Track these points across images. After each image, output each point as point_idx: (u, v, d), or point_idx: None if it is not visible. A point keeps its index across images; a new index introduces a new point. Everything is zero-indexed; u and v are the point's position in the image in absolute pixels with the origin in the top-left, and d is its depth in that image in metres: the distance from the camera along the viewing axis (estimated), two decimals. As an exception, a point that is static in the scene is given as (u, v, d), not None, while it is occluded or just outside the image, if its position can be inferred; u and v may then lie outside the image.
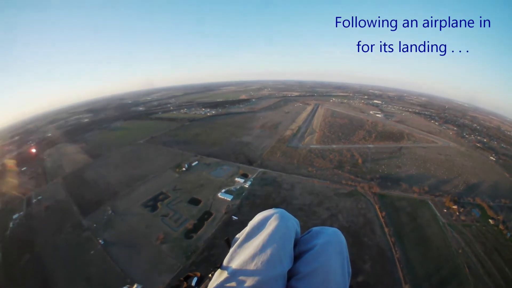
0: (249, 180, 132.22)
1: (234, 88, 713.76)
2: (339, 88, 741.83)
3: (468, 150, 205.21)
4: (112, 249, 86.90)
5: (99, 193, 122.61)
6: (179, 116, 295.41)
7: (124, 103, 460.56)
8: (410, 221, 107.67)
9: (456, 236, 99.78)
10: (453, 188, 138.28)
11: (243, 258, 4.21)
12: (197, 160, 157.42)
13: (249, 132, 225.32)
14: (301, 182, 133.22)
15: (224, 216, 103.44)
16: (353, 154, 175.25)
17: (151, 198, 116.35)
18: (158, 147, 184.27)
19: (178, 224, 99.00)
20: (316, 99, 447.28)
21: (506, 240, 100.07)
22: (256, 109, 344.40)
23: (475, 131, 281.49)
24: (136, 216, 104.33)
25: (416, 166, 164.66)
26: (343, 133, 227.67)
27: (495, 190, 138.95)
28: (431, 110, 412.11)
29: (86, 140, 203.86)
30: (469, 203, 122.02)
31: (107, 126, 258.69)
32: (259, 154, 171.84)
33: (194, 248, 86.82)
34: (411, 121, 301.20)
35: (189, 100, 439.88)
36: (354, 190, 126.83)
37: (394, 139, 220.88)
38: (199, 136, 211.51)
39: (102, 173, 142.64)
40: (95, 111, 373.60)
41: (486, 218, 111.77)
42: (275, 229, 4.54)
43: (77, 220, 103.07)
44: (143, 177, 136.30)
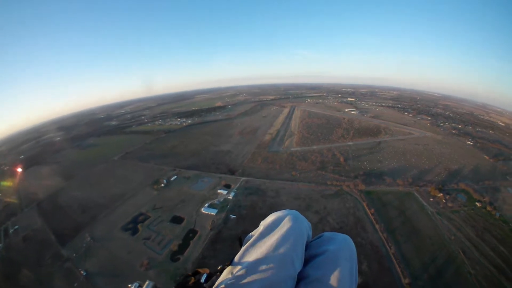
0: (232, 191, 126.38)
1: (208, 96, 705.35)
2: (313, 89, 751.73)
3: (445, 138, 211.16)
4: (96, 280, 79.66)
5: (75, 218, 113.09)
6: (154, 128, 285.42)
7: (96, 118, 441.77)
8: (399, 215, 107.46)
9: (446, 223, 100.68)
10: (436, 176, 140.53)
11: (255, 257, 4.19)
12: (176, 174, 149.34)
13: (228, 140, 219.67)
14: (286, 187, 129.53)
15: (210, 233, 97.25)
16: (334, 154, 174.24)
17: (131, 220, 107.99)
18: (133, 163, 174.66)
19: (161, 246, 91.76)
20: (291, 101, 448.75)
21: (496, 220, 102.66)
22: (233, 115, 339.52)
23: (449, 119, 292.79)
24: (117, 242, 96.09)
25: (397, 159, 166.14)
26: (322, 133, 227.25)
27: (477, 173, 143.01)
28: (404, 102, 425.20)
29: (58, 161, 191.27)
30: (453, 189, 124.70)
31: (79, 144, 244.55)
32: (240, 162, 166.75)
33: (182, 271, 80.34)
34: (386, 115, 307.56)
35: (164, 111, 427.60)
36: (340, 189, 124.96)
37: (372, 134, 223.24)
38: (176, 148, 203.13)
39: (77, 196, 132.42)
40: (67, 129, 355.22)
41: (472, 201, 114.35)
42: (289, 230, 4.50)
43: (56, 250, 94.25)
44: (120, 197, 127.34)
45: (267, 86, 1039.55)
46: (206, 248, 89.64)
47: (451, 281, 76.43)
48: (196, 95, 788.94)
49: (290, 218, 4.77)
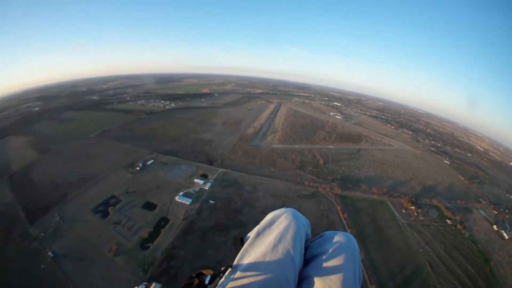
0: (209, 182, 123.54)
1: (196, 81, 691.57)
2: (301, 89, 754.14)
3: (423, 154, 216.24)
4: (63, 262, 75.14)
5: (46, 195, 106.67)
6: (136, 108, 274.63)
7: (78, 91, 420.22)
8: (371, 222, 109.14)
9: (416, 236, 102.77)
10: (410, 189, 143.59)
11: (254, 256, 4.23)
12: (153, 159, 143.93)
13: (210, 129, 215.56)
14: (264, 183, 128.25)
15: (182, 222, 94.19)
16: (314, 155, 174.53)
17: (102, 203, 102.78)
18: (110, 142, 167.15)
19: (132, 232, 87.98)
20: (279, 98, 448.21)
21: (465, 239, 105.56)
22: (218, 104, 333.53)
23: (429, 136, 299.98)
24: (86, 224, 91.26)
25: (374, 168, 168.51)
26: (305, 133, 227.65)
27: (451, 192, 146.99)
28: (388, 114, 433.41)
29: (35, 132, 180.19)
30: (426, 204, 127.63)
31: (57, 116, 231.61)
32: (220, 152, 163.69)
33: (151, 260, 77.50)
34: (369, 124, 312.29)
35: (148, 91, 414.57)
36: (316, 191, 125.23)
37: (353, 140, 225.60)
38: (156, 131, 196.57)
39: (50, 172, 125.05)
40: (47, 99, 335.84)
41: (443, 218, 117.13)
42: (286, 227, 4.56)
43: (24, 228, 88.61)
44: (93, 176, 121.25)
45: (256, 79, 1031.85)
46: (177, 238, 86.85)
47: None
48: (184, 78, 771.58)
49: (287, 216, 4.78)
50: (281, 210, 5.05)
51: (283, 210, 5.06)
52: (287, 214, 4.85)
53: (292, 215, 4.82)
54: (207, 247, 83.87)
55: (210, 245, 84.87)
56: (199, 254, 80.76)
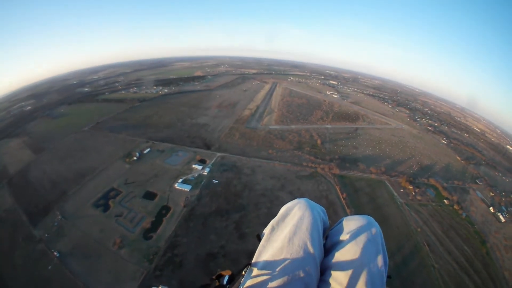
0: (207, 167, 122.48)
1: (188, 64, 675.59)
2: (297, 67, 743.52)
3: (420, 133, 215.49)
4: (69, 261, 74.64)
5: (45, 195, 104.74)
6: (128, 96, 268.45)
7: (68, 84, 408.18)
8: (370, 202, 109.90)
9: (414, 215, 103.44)
10: (408, 168, 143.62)
11: (271, 252, 4.19)
12: (149, 147, 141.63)
13: (206, 113, 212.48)
14: (262, 165, 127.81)
15: (183, 209, 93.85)
16: (312, 135, 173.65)
17: (102, 196, 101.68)
18: (104, 133, 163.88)
19: (134, 224, 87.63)
20: (274, 78, 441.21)
21: (462, 220, 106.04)
22: (212, 87, 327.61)
23: (426, 115, 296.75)
24: (88, 219, 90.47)
25: (372, 147, 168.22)
26: (301, 113, 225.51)
27: (448, 172, 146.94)
28: (384, 93, 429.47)
29: (28, 132, 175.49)
30: (423, 184, 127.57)
31: (49, 113, 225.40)
32: (216, 136, 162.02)
33: (155, 249, 77.53)
34: (366, 103, 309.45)
35: (140, 78, 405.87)
36: (315, 172, 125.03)
37: (350, 120, 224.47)
38: (151, 118, 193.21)
39: (47, 171, 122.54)
40: (38, 96, 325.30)
41: (440, 198, 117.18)
42: (300, 219, 4.46)
43: (28, 231, 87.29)
44: (91, 170, 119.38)
45: (250, 59, 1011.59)
46: (179, 226, 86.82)
47: (415, 271, 79.27)
48: (175, 62, 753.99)
49: (300, 207, 4.68)
50: (294, 202, 4.90)
51: (296, 201, 4.90)
52: (300, 205, 4.70)
53: (305, 205, 4.68)
54: (209, 232, 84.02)
55: (212, 230, 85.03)
56: (202, 240, 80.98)
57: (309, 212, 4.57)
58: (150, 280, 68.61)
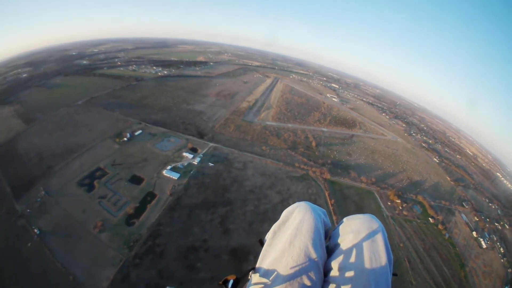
0: (198, 156, 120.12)
1: (191, 48, 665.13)
2: (300, 65, 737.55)
3: (414, 148, 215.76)
4: (49, 240, 72.99)
5: (32, 168, 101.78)
6: (126, 74, 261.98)
7: (67, 55, 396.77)
8: (357, 211, 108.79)
9: (398, 229, 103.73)
10: (398, 182, 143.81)
11: (273, 256, 4.22)
12: (141, 129, 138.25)
13: (203, 100, 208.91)
14: (254, 161, 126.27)
15: (169, 198, 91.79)
16: (307, 136, 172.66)
17: (87, 175, 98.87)
18: (98, 110, 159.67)
19: (117, 207, 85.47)
20: (276, 73, 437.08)
21: (445, 240, 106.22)
22: (213, 74, 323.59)
23: (422, 131, 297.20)
24: (72, 198, 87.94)
25: (365, 156, 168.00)
26: (299, 113, 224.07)
27: (436, 190, 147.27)
28: (384, 103, 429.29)
29: (21, 101, 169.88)
30: (411, 199, 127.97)
31: (45, 82, 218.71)
32: (211, 126, 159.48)
33: (136, 236, 75.95)
34: (364, 111, 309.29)
35: (140, 56, 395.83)
36: (306, 174, 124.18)
37: (347, 125, 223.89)
38: (146, 99, 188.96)
39: (36, 143, 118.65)
40: (35, 64, 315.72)
41: (426, 216, 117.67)
42: (301, 221, 4.46)
43: (11, 204, 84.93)
44: (79, 147, 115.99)
45: (254, 51, 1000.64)
46: (163, 214, 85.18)
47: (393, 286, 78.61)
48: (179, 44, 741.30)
49: (300, 210, 4.69)
50: (294, 206, 4.88)
51: (296, 205, 4.89)
52: (300, 208, 4.71)
53: (305, 208, 4.67)
54: (193, 225, 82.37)
55: (196, 223, 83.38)
56: (185, 232, 79.33)
57: (310, 214, 4.52)
58: (128, 268, 67.15)
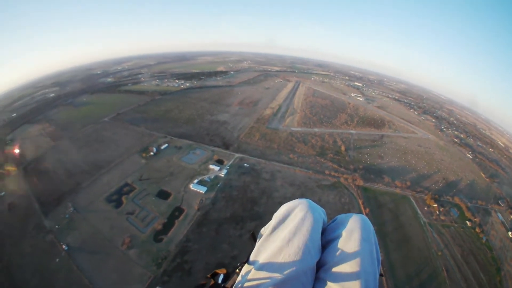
0: (225, 168, 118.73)
1: (211, 59, 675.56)
2: (320, 66, 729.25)
3: (447, 145, 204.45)
4: (77, 256, 73.90)
5: (60, 185, 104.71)
6: (150, 89, 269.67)
7: (92, 74, 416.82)
8: (393, 219, 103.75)
9: (436, 237, 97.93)
10: (433, 184, 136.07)
11: (270, 252, 4.14)
12: (167, 142, 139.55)
13: (226, 109, 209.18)
14: (282, 170, 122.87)
15: (196, 213, 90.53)
16: (335, 140, 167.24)
17: (115, 191, 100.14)
18: (124, 125, 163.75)
19: (145, 223, 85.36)
20: (297, 76, 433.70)
21: (482, 244, 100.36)
22: (234, 83, 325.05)
23: (452, 125, 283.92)
24: (99, 214, 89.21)
25: (398, 158, 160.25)
26: (325, 116, 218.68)
27: (472, 190, 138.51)
28: (410, 98, 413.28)
29: (49, 119, 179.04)
30: (448, 202, 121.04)
31: (72, 101, 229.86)
32: (236, 135, 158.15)
33: (165, 253, 74.91)
34: (392, 108, 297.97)
35: (162, 70, 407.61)
36: (337, 182, 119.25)
37: (375, 126, 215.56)
38: (170, 112, 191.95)
39: (63, 160, 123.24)
40: (62, 84, 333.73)
41: (464, 219, 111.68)
42: (301, 220, 4.41)
43: (39, 220, 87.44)
44: (106, 163, 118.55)
45: (273, 56, 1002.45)
46: (191, 230, 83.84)
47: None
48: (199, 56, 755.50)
49: (302, 208, 4.61)
50: (295, 202, 4.80)
51: (297, 201, 4.79)
52: (301, 206, 4.63)
53: (307, 206, 4.60)
54: (222, 241, 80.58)
55: (225, 239, 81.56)
56: (214, 248, 77.63)
57: (311, 213, 4.47)
58: (156, 285, 66.57)
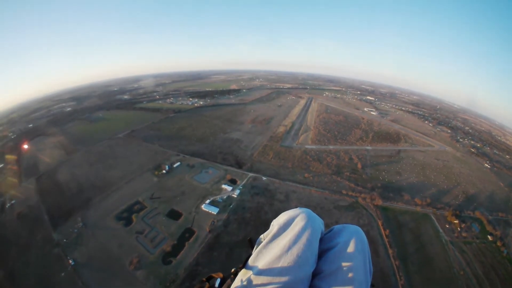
0: (237, 188, 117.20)
1: (224, 77, 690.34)
2: (331, 82, 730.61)
3: (464, 156, 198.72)
4: (83, 272, 73.87)
5: (71, 199, 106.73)
6: (164, 107, 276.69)
7: (109, 91, 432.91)
8: (414, 240, 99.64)
9: (458, 255, 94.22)
10: (453, 199, 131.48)
11: (268, 259, 4.16)
12: (180, 161, 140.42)
13: (239, 127, 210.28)
14: (297, 191, 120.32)
15: (208, 235, 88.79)
16: (351, 157, 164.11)
17: (126, 209, 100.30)
18: (138, 142, 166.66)
19: (154, 244, 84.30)
20: (309, 93, 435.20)
21: (503, 258, 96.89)
22: (247, 100, 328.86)
23: (468, 135, 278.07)
24: (108, 231, 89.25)
25: (416, 173, 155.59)
26: (339, 132, 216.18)
27: (492, 202, 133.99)
28: (423, 109, 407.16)
29: (65, 133, 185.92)
30: (469, 217, 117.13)
31: (88, 116, 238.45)
32: (249, 154, 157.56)
33: (173, 276, 73.31)
34: (406, 121, 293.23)
35: (177, 89, 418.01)
36: (355, 202, 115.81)
37: (391, 140, 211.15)
38: (184, 130, 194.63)
39: (76, 174, 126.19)
40: (79, 99, 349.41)
41: (485, 233, 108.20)
42: (302, 229, 4.42)
43: (48, 232, 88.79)
44: (118, 180, 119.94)
45: (285, 73, 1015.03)
46: (201, 253, 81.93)
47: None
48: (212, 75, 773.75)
49: (302, 217, 4.59)
50: (296, 211, 4.78)
51: (298, 210, 4.78)
52: (302, 215, 4.61)
53: (307, 216, 4.61)
54: (233, 266, 77.80)
55: (237, 264, 78.97)
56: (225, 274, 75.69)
57: (310, 223, 4.49)
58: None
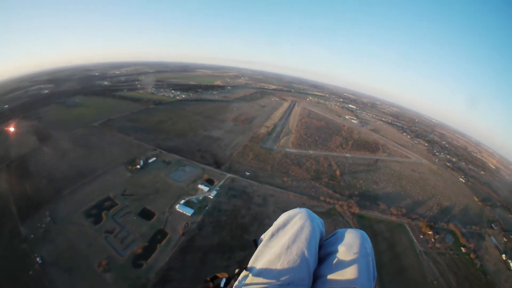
0: (214, 189, 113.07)
1: (210, 72, 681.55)
2: (316, 87, 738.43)
3: (440, 169, 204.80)
4: (51, 271, 68.69)
5: (40, 190, 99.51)
6: (145, 97, 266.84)
7: (90, 75, 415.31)
8: (389, 249, 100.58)
9: (432, 266, 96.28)
10: (428, 210, 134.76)
11: (268, 258, 4.20)
12: (156, 156, 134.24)
13: (220, 125, 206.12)
14: (275, 195, 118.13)
15: (181, 238, 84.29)
16: (330, 164, 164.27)
17: (96, 205, 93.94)
18: (113, 133, 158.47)
19: (124, 245, 79.05)
20: (293, 96, 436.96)
21: (477, 270, 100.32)
22: (230, 98, 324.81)
23: (445, 149, 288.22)
24: (77, 228, 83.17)
25: (393, 183, 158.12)
26: (320, 137, 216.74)
27: (466, 215, 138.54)
28: (402, 121, 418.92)
29: (40, 117, 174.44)
30: (443, 229, 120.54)
31: (65, 101, 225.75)
32: (228, 154, 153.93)
33: (143, 281, 69.10)
34: (385, 132, 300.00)
35: (160, 79, 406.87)
36: (333, 208, 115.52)
37: (370, 149, 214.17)
38: (163, 124, 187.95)
39: (48, 163, 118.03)
40: (58, 82, 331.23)
41: (458, 245, 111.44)
42: (300, 228, 4.50)
43: (15, 225, 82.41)
44: (90, 172, 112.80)
45: (271, 74, 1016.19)
46: (174, 257, 77.58)
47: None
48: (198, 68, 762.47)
49: (301, 216, 4.71)
50: (295, 211, 4.89)
51: (297, 210, 4.88)
52: (301, 215, 4.72)
53: (306, 215, 4.70)
54: (207, 271, 74.15)
55: (211, 269, 75.14)
56: (198, 280, 71.35)
57: (309, 222, 4.55)
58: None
